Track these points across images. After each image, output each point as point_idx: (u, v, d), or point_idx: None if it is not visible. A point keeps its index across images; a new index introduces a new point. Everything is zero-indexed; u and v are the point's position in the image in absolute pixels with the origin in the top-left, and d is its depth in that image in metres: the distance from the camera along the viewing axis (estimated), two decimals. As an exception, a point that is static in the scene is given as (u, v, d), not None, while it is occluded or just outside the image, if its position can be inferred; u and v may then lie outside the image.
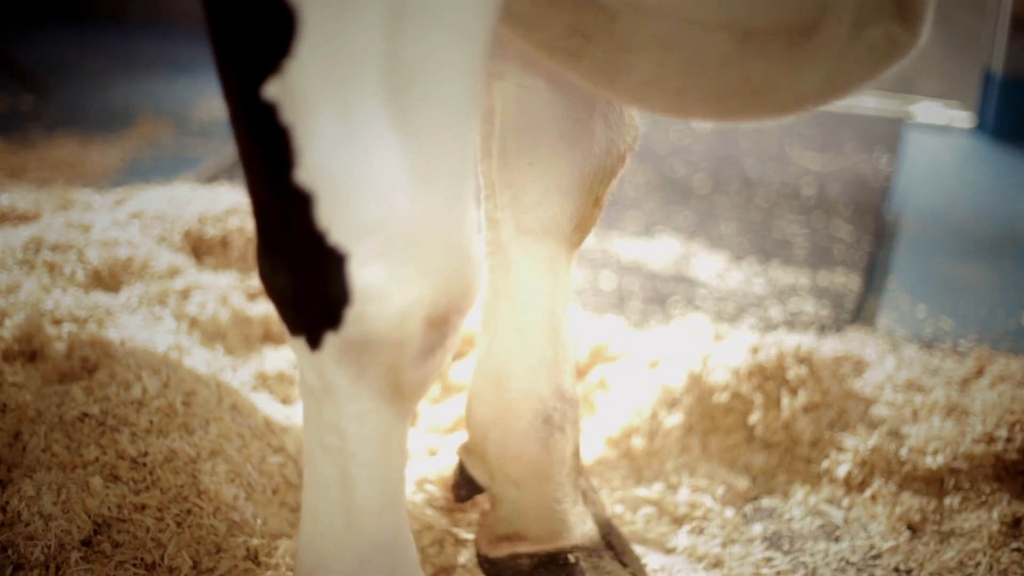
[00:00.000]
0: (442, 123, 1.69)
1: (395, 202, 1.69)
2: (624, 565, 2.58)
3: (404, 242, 1.72)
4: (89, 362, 2.81)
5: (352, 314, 1.76)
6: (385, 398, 1.88)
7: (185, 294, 3.29)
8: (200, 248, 3.63)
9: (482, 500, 2.73)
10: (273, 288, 1.84)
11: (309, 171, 1.69)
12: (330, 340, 1.81)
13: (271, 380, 3.13)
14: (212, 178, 4.63)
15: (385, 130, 1.66)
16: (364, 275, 1.72)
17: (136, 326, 3.03)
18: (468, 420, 2.57)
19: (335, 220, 1.71)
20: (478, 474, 2.61)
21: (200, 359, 2.95)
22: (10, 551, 2.27)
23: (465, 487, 2.70)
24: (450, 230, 1.76)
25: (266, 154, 1.72)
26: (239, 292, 3.40)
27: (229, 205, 3.76)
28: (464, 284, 1.80)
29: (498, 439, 2.51)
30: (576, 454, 2.56)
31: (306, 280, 1.78)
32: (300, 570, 2.09)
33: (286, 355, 3.24)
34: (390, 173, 1.68)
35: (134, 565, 2.33)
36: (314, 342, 1.83)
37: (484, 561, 2.58)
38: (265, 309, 3.36)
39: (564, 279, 2.45)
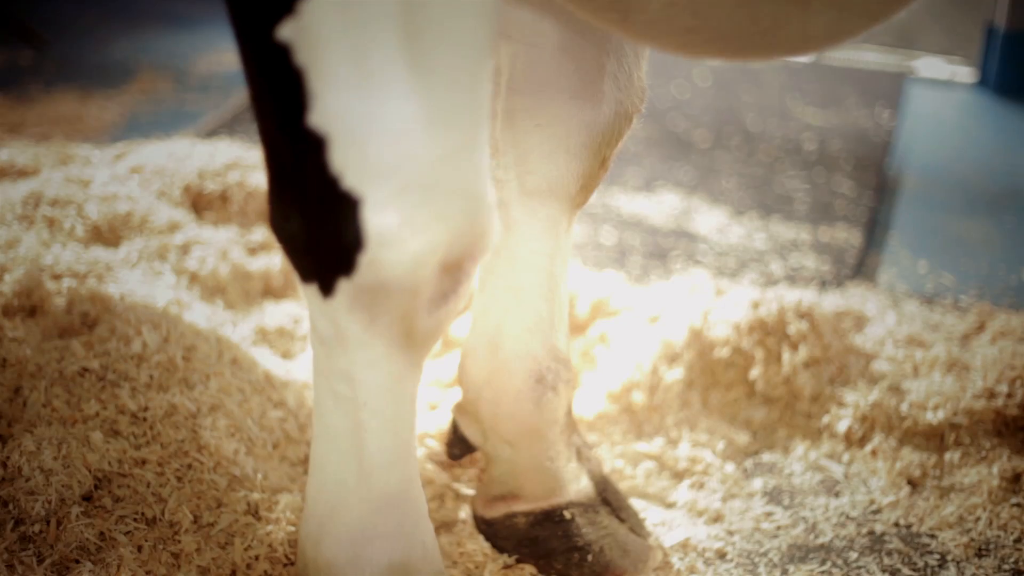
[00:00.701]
0: (457, 67, 1.68)
1: (410, 146, 1.68)
2: (621, 520, 2.59)
3: (419, 187, 1.71)
4: (89, 317, 2.81)
5: (366, 260, 1.75)
6: (398, 345, 1.87)
7: (185, 249, 3.29)
8: (200, 203, 3.62)
9: (481, 457, 2.73)
10: (285, 234, 1.83)
11: (323, 114, 1.68)
12: (343, 287, 1.80)
13: (271, 335, 3.13)
14: (212, 133, 4.62)
15: (400, 73, 1.65)
16: (378, 220, 1.72)
17: (136, 281, 3.02)
18: (461, 379, 2.57)
19: (349, 164, 1.70)
20: (471, 433, 2.61)
21: (200, 314, 2.94)
22: (11, 506, 2.28)
23: (458, 446, 2.71)
24: (465, 175, 1.75)
25: (279, 97, 1.71)
26: (239, 247, 3.40)
27: (229, 160, 3.75)
28: (479, 230, 1.79)
29: (491, 398, 2.51)
30: (569, 413, 2.56)
31: (319, 225, 1.77)
32: (309, 520, 2.09)
33: (286, 310, 3.24)
34: (405, 117, 1.66)
35: (135, 519, 2.33)
36: (327, 289, 1.82)
37: (480, 522, 2.59)
38: (265, 264, 3.36)
39: (564, 240, 2.44)
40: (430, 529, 2.12)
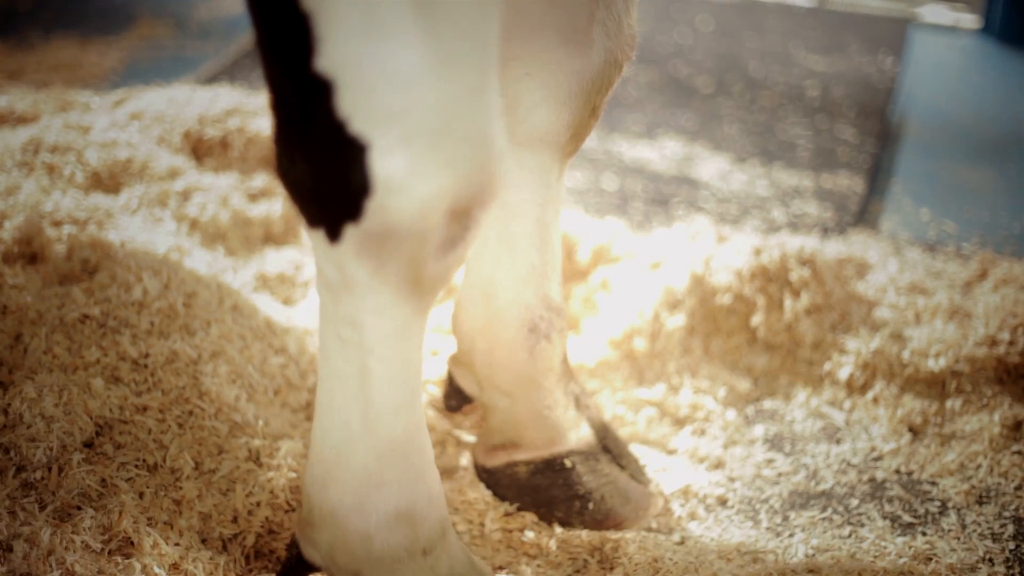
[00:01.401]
0: (465, 10, 1.66)
1: (418, 90, 1.67)
2: (622, 468, 2.59)
3: (427, 132, 1.69)
4: (89, 264, 2.80)
5: (373, 205, 1.74)
6: (405, 292, 1.86)
7: (185, 195, 3.28)
8: (200, 149, 3.61)
9: (479, 406, 2.73)
10: (291, 180, 1.82)
11: (330, 58, 1.67)
12: (350, 232, 1.78)
13: (272, 281, 3.13)
14: (212, 79, 4.60)
15: (408, 17, 1.63)
16: (386, 165, 1.70)
17: (136, 228, 3.02)
18: (455, 329, 2.56)
19: (356, 108, 1.68)
20: (466, 384, 2.61)
21: (201, 260, 2.94)
22: (12, 453, 2.27)
23: (455, 397, 2.71)
24: (474, 120, 1.73)
25: (285, 41, 1.70)
26: (239, 193, 3.39)
27: (229, 106, 3.73)
28: (487, 176, 1.77)
29: (485, 348, 2.51)
30: (564, 361, 2.56)
31: (326, 171, 1.75)
32: (314, 465, 2.08)
33: (287, 256, 3.23)
34: (413, 61, 1.65)
35: (136, 466, 2.34)
36: (333, 235, 1.81)
37: (481, 471, 2.59)
38: (266, 210, 3.35)
39: (556, 189, 2.43)
40: (436, 477, 2.12)
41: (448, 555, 2.12)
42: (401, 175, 1.70)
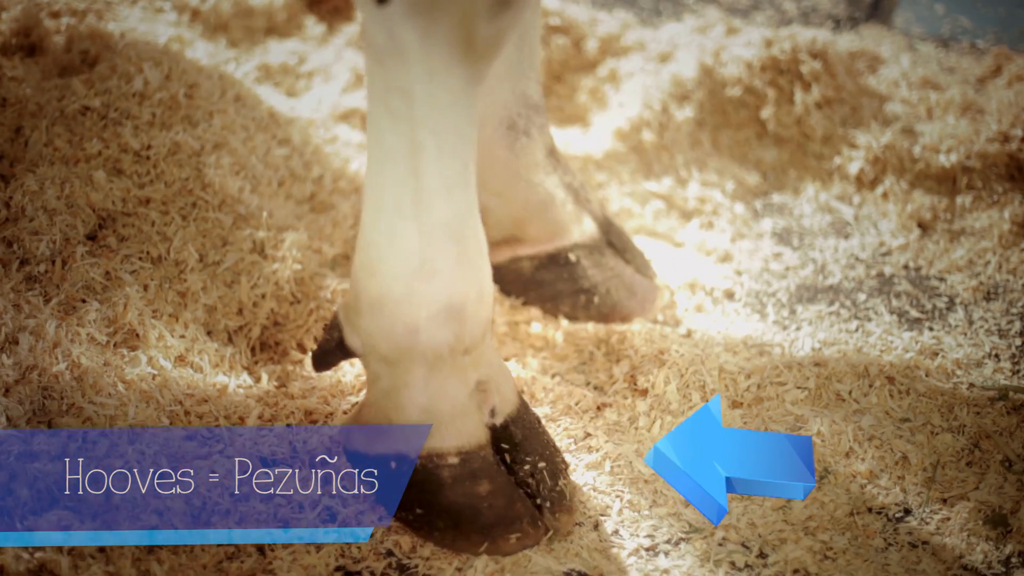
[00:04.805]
0: None
1: None
2: (627, 262, 2.58)
3: None
4: (89, 55, 2.76)
5: None
6: (457, 56, 1.79)
7: (185, -15, 3.23)
8: (199, -62, 3.54)
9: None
10: None
11: None
12: None
13: (275, 72, 3.09)
14: None
15: None
16: None
17: (136, 19, 2.98)
18: None
19: None
20: None
21: (202, 51, 2.91)
22: (15, 246, 2.27)
23: None
24: None
25: None
26: (240, -18, 3.34)
27: None
28: None
29: None
30: (551, 155, 2.52)
31: None
32: (364, 250, 1.99)
33: (290, 47, 3.19)
34: None
35: (140, 259, 2.33)
36: None
37: (487, 268, 2.58)
38: (268, -1, 3.30)
39: None
40: (488, 271, 2.04)
41: (484, 356, 2.08)
42: None
